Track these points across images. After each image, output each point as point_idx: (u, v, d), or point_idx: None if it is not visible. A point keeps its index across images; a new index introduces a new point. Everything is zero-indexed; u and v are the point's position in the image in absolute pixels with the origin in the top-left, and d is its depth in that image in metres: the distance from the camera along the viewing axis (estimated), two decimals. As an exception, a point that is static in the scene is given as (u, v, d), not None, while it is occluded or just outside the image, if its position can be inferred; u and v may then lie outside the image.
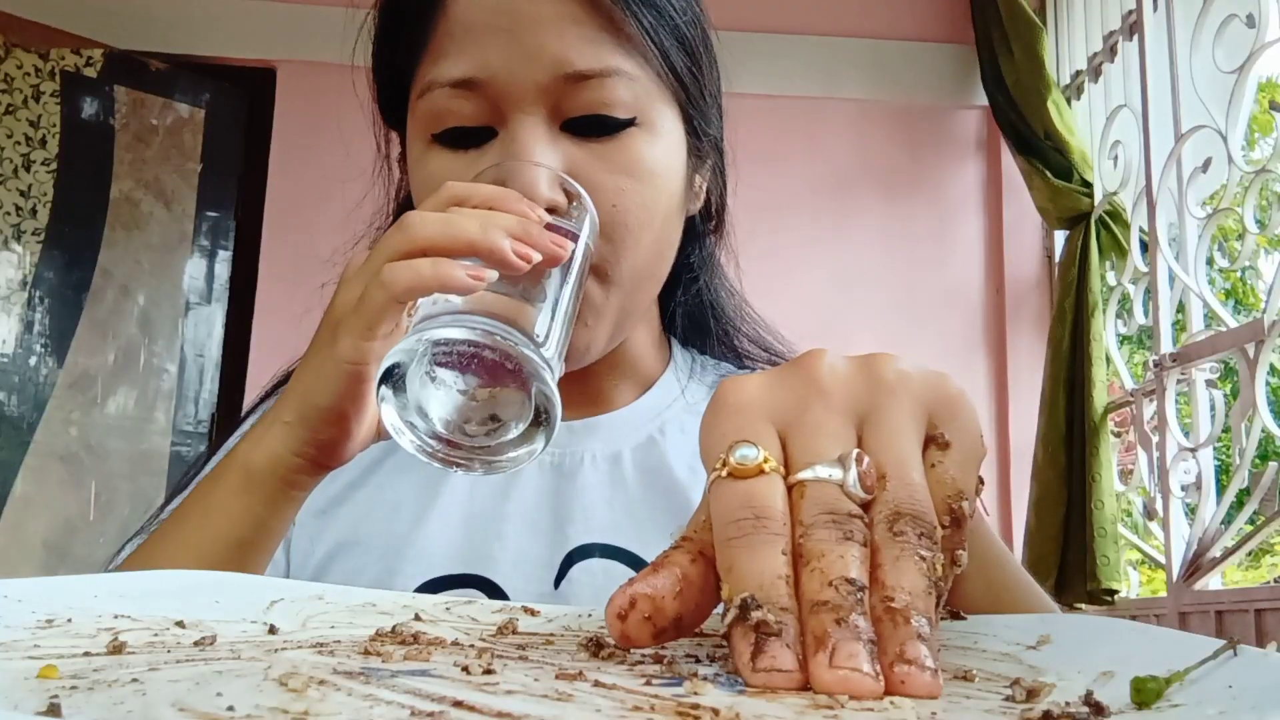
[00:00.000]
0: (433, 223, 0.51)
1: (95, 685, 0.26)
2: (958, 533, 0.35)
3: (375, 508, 0.71)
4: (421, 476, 0.72)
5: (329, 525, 0.71)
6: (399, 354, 0.47)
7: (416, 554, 0.68)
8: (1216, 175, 2.09)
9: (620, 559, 0.69)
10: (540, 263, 0.51)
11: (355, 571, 0.69)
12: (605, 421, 0.74)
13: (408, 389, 0.48)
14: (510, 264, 0.50)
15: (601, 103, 0.62)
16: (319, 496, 0.70)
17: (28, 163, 2.60)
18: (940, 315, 2.83)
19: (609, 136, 0.63)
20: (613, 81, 0.62)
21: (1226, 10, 2.01)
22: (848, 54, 2.92)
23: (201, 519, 0.57)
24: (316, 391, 0.55)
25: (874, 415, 0.37)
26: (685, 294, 0.79)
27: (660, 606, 0.33)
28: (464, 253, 0.50)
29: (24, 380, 2.55)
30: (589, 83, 0.62)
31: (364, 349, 0.52)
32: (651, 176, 0.65)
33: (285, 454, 0.56)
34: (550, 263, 0.52)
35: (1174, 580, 2.08)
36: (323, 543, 0.70)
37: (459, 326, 0.47)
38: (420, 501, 0.71)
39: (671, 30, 0.66)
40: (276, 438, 0.56)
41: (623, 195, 0.63)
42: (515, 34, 0.62)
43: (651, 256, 0.67)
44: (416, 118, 0.66)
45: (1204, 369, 2.09)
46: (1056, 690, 0.29)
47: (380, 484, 0.72)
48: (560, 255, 0.52)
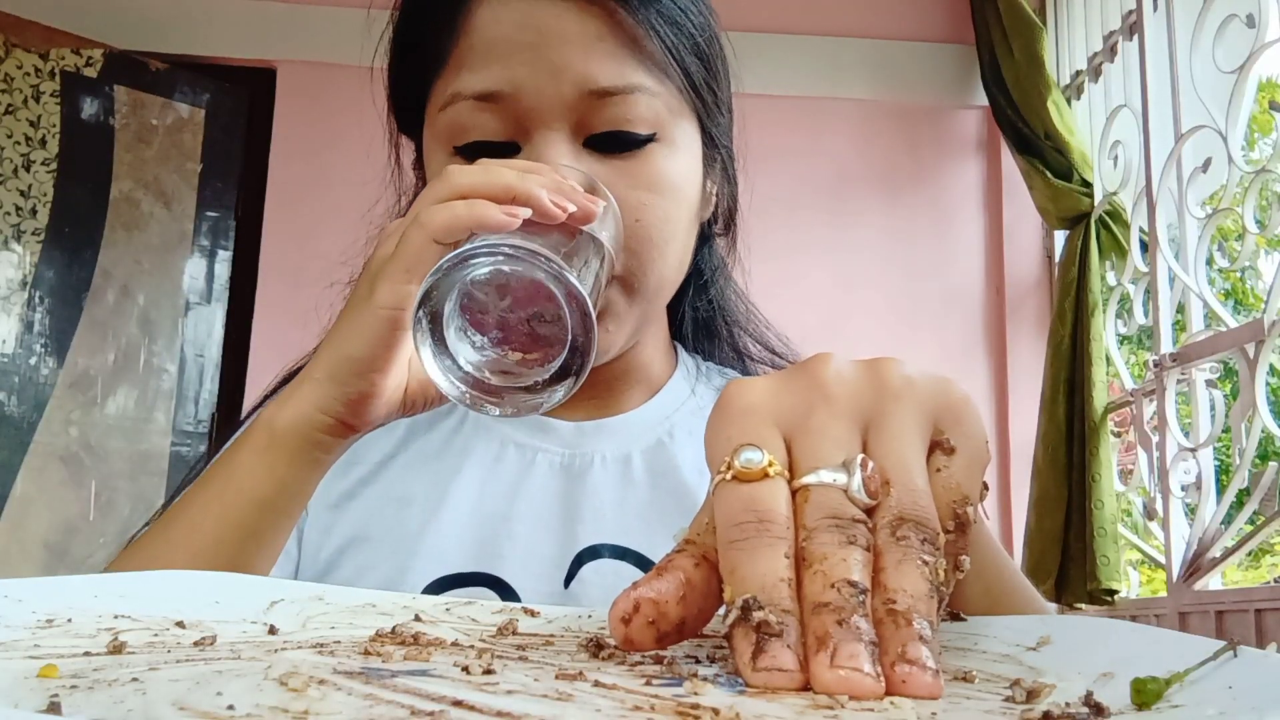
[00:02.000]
0: (471, 171, 0.54)
1: (95, 685, 0.26)
2: (961, 537, 0.35)
3: (387, 504, 0.71)
4: (433, 474, 0.72)
5: (340, 519, 0.71)
6: (435, 274, 0.47)
7: (428, 551, 0.69)
8: (1216, 175, 2.09)
9: (629, 560, 0.69)
10: (574, 217, 0.53)
11: (366, 567, 0.69)
12: (615, 424, 0.74)
13: (444, 324, 0.48)
14: (546, 209, 0.51)
15: (624, 119, 0.63)
16: (332, 490, 0.71)
17: (28, 163, 2.60)
18: (940, 315, 2.83)
19: (631, 152, 0.64)
20: (635, 98, 0.63)
21: (1226, 10, 2.01)
22: (848, 54, 2.92)
23: (225, 479, 0.57)
24: (350, 342, 0.55)
25: (879, 420, 0.37)
26: (696, 299, 0.80)
27: (664, 611, 0.34)
28: (502, 198, 0.52)
29: (24, 380, 2.55)
30: (612, 99, 0.63)
31: (402, 293, 0.53)
32: (673, 190, 0.66)
33: (312, 412, 0.56)
34: (583, 218, 0.53)
35: (1174, 580, 2.08)
36: (334, 537, 0.71)
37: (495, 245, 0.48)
38: (431, 499, 0.71)
39: (691, 47, 0.67)
40: (304, 396, 0.56)
41: (645, 210, 0.64)
42: (540, 50, 0.62)
43: (673, 264, 0.68)
44: (438, 129, 0.66)
45: (1204, 369, 2.09)
46: (1056, 691, 0.29)
47: (392, 480, 0.72)
48: (593, 211, 0.54)
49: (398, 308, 0.53)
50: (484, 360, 0.49)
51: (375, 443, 0.74)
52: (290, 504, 0.58)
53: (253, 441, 0.57)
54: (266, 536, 0.57)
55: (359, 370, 0.55)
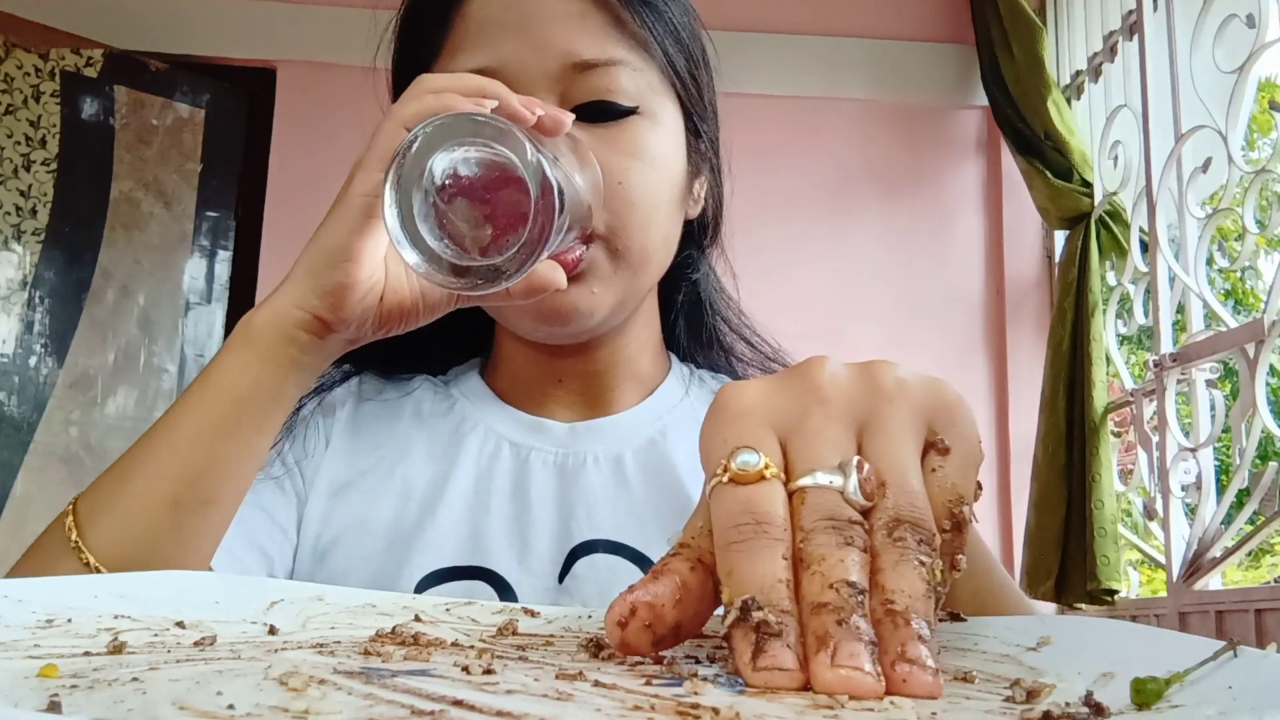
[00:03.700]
0: (443, 77, 0.57)
1: (95, 684, 0.26)
2: (958, 537, 0.36)
3: (384, 495, 0.72)
4: (430, 469, 0.73)
5: (338, 508, 0.72)
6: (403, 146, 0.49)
7: (424, 544, 0.69)
8: (1216, 175, 2.09)
9: (624, 555, 0.70)
10: (542, 122, 0.55)
11: (362, 558, 0.70)
12: (607, 424, 0.75)
13: (411, 199, 0.50)
14: (515, 109, 0.54)
15: (607, 89, 0.67)
16: (331, 478, 0.72)
17: (28, 163, 2.60)
18: (940, 315, 2.83)
19: (614, 121, 0.67)
20: (617, 70, 0.67)
21: (1226, 10, 2.01)
22: (848, 54, 2.92)
23: (204, 379, 0.58)
24: (327, 234, 0.57)
25: (874, 422, 0.37)
26: (687, 303, 0.81)
27: (660, 614, 0.34)
28: (472, 95, 0.55)
29: (24, 380, 2.55)
30: (595, 71, 0.66)
31: (375, 179, 0.55)
32: (655, 160, 0.68)
33: (288, 308, 0.57)
34: (552, 125, 0.56)
35: (1174, 580, 2.08)
36: (331, 525, 0.71)
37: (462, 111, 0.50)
38: (429, 493, 0.72)
39: (671, 33, 0.70)
40: (281, 293, 0.58)
41: (628, 173, 0.67)
42: (526, 28, 0.66)
43: (656, 240, 0.70)
44: None
45: (1204, 369, 2.09)
46: (1056, 691, 0.29)
47: (390, 473, 0.73)
48: (562, 122, 0.56)
49: (370, 195, 0.55)
50: (447, 239, 0.51)
51: (374, 435, 0.75)
52: (269, 403, 0.58)
53: (232, 341, 0.58)
54: (245, 434, 0.58)
55: (334, 261, 0.56)
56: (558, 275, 0.58)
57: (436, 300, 0.61)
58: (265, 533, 0.69)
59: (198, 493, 0.56)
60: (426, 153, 0.50)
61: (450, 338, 0.80)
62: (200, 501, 0.56)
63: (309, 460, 0.73)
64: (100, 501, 0.56)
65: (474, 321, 0.78)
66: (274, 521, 0.70)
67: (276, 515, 0.70)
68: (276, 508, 0.71)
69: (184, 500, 0.55)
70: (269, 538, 0.69)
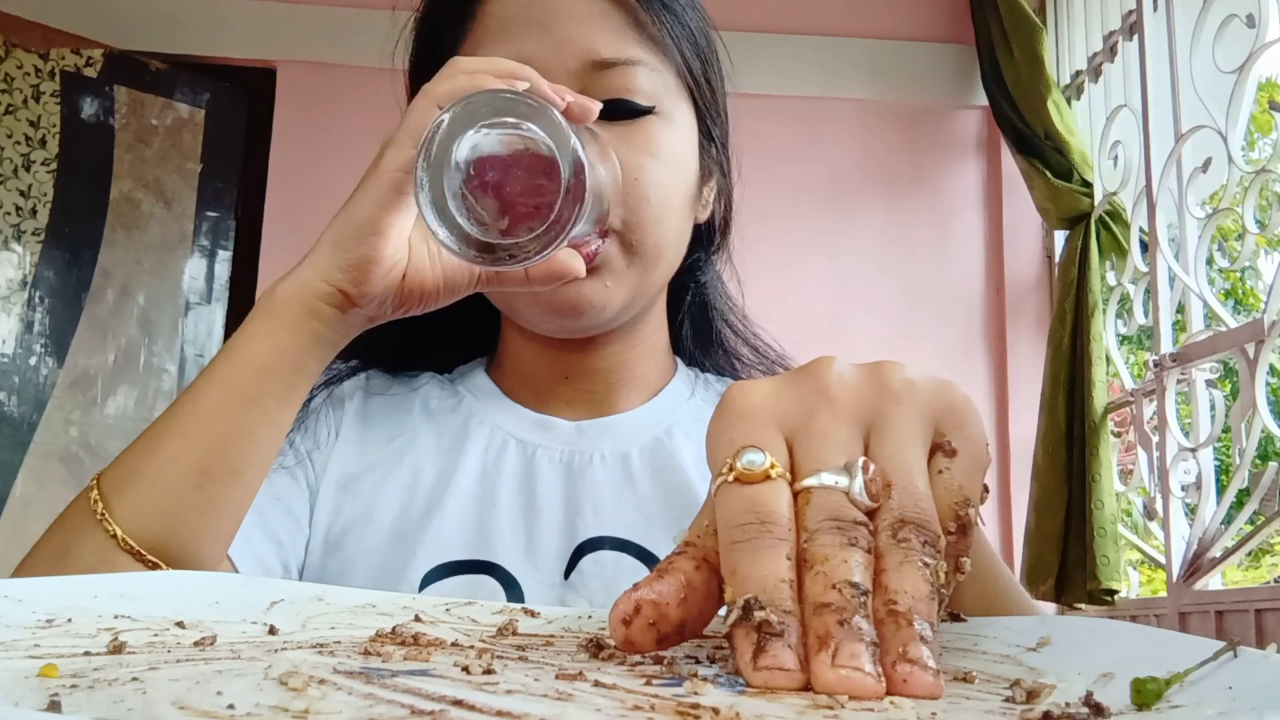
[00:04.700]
0: (475, 60, 0.58)
1: (95, 684, 0.26)
2: (963, 539, 0.35)
3: (392, 488, 0.72)
4: (438, 463, 0.74)
5: (348, 500, 0.72)
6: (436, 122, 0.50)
7: (431, 538, 0.70)
8: (1216, 175, 2.09)
9: (630, 552, 0.70)
10: (572, 109, 0.55)
11: (370, 550, 0.70)
12: (614, 422, 0.76)
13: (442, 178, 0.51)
14: (545, 92, 0.55)
15: (625, 88, 0.68)
16: (341, 470, 0.73)
17: (28, 163, 2.60)
18: (940, 315, 2.82)
19: (632, 120, 0.68)
20: (635, 70, 0.68)
21: (1226, 10, 2.01)
22: (848, 54, 2.92)
23: (228, 349, 0.59)
24: (355, 207, 0.57)
25: (880, 423, 0.37)
26: (694, 306, 0.82)
27: (664, 613, 0.34)
28: (504, 77, 0.56)
29: (24, 380, 2.54)
30: (614, 70, 0.67)
31: (405, 156, 0.56)
32: (670, 159, 0.69)
33: (312, 279, 0.58)
34: (580, 112, 0.56)
35: (1174, 580, 2.08)
36: (341, 517, 0.72)
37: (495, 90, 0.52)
38: (436, 487, 0.72)
39: (688, 36, 0.72)
40: (306, 264, 0.58)
41: (644, 171, 0.68)
42: (547, 25, 0.67)
43: (669, 238, 0.71)
44: None
45: (1204, 369, 2.09)
46: (1056, 691, 0.29)
47: (399, 465, 0.73)
48: (590, 109, 0.57)
49: (401, 170, 0.56)
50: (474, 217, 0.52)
51: (384, 428, 0.75)
52: (291, 373, 0.59)
53: (257, 311, 0.59)
54: (268, 403, 0.58)
55: (360, 234, 0.57)
56: (577, 263, 0.59)
57: (458, 281, 0.61)
58: (280, 522, 0.70)
59: (223, 463, 0.56)
60: (459, 130, 0.51)
61: (456, 337, 0.80)
62: (226, 472, 0.56)
63: (319, 451, 0.74)
64: (126, 473, 0.56)
65: (479, 321, 0.78)
66: (289, 511, 0.71)
67: (291, 505, 0.71)
68: (291, 497, 0.71)
69: (211, 470, 0.56)
70: (283, 527, 0.70)
